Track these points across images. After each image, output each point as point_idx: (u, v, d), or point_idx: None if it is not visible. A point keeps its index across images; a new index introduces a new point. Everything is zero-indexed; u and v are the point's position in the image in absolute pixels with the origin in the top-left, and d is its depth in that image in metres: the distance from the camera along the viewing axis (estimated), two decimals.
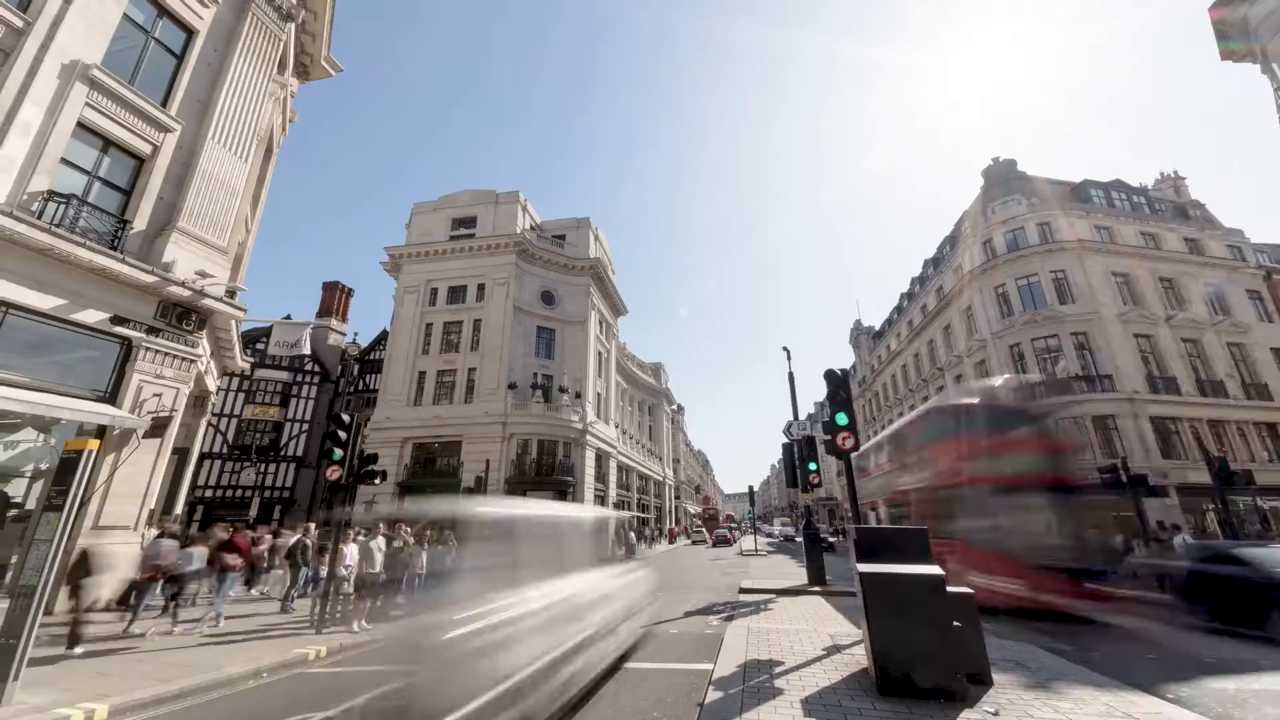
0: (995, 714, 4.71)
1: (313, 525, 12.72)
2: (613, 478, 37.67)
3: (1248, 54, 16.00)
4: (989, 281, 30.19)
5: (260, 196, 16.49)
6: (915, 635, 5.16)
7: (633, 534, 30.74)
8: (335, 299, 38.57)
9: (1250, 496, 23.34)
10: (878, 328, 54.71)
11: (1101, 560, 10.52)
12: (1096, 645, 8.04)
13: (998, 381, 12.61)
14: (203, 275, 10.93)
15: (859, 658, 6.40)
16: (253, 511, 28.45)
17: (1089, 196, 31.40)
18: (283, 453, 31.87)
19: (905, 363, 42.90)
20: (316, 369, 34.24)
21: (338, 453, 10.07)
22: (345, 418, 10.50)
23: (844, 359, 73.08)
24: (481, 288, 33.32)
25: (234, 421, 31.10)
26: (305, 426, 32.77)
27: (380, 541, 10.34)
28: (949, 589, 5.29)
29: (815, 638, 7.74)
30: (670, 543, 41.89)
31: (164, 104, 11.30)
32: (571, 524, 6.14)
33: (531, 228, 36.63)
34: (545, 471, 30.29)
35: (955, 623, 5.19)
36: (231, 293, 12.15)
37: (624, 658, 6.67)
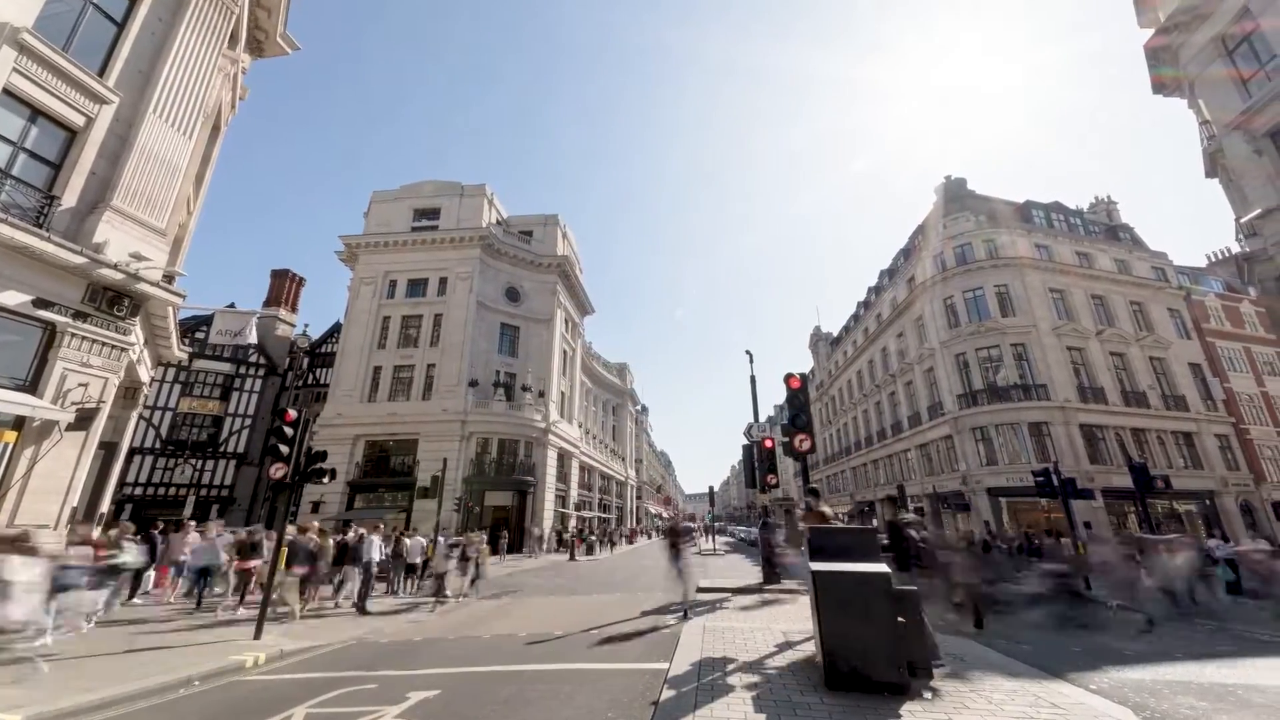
0: (932, 699, 4.95)
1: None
2: (574, 478, 37.44)
3: (1177, 88, 17.40)
4: (938, 293, 31.65)
5: (205, 176, 15.58)
6: (863, 631, 5.36)
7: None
8: (285, 288, 36.84)
9: (1167, 500, 25.36)
10: (836, 334, 56.43)
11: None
12: (1030, 639, 8.56)
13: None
14: (137, 258, 10.23)
15: (809, 654, 6.59)
16: (187, 511, 26.79)
17: (1031, 216, 33.36)
18: (222, 449, 30.20)
19: (860, 368, 44.42)
20: (262, 361, 32.61)
21: (283, 449, 9.62)
22: (293, 413, 10.03)
23: (803, 363, 74.93)
24: (444, 281, 32.49)
25: (169, 415, 29.27)
26: (248, 421, 31.16)
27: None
28: (896, 587, 5.52)
29: (769, 635, 7.91)
30: (630, 543, 41.94)
31: (101, 74, 10.53)
32: None
33: (498, 222, 36.00)
34: (506, 471, 29.80)
35: (900, 619, 5.42)
36: (169, 277, 11.43)
37: None
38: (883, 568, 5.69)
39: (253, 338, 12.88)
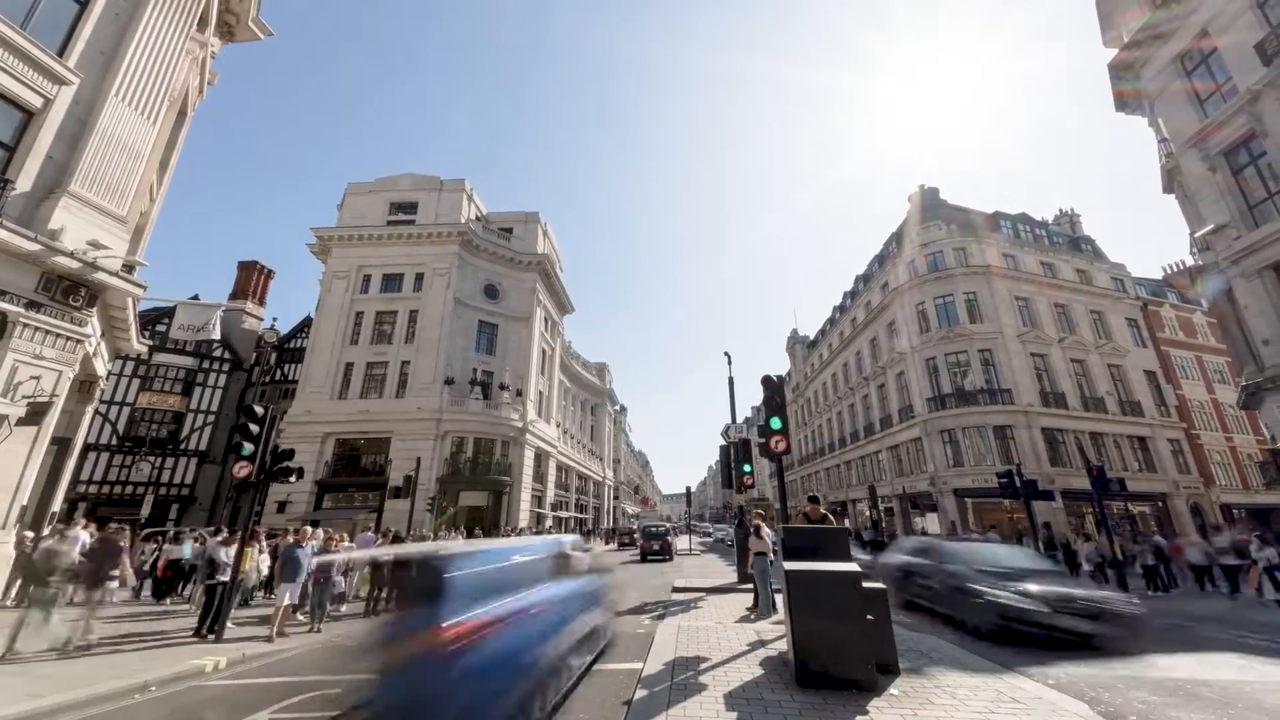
0: (899, 695, 5.07)
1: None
2: (551, 477, 37.18)
3: (1138, 106, 18.18)
4: (911, 299, 32.43)
5: (169, 163, 15.01)
6: (834, 629, 5.47)
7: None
8: (252, 280, 35.70)
9: (1123, 501, 26.43)
10: (812, 337, 57.32)
11: None
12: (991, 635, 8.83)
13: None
14: (95, 246, 9.81)
15: (782, 652, 6.68)
16: (145, 510, 25.79)
17: (999, 226, 34.43)
18: (183, 446, 29.11)
19: (835, 371, 45.21)
20: (227, 356, 31.55)
21: (248, 447, 9.33)
22: (258, 409, 9.73)
23: (781, 366, 75.91)
24: (420, 277, 31.92)
25: (126, 410, 28.09)
26: (211, 418, 30.11)
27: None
28: (865, 585, 5.64)
29: (742, 634, 8.00)
30: (606, 544, 41.83)
31: (61, 54, 10.06)
32: None
33: (477, 218, 35.53)
34: (481, 471, 29.42)
35: (869, 617, 5.55)
36: (129, 267, 10.99)
37: None
38: (853, 567, 5.82)
39: (216, 333, 12.44)
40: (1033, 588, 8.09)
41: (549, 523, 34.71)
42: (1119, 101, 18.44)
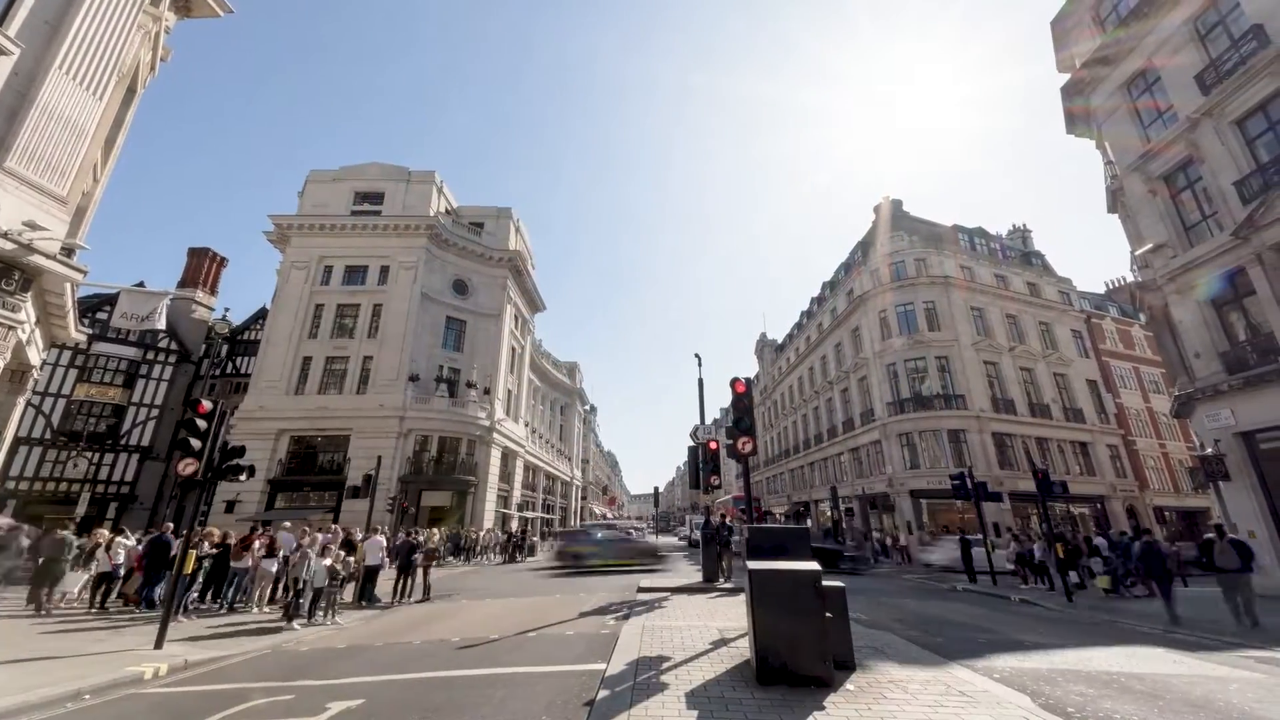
0: (855, 690, 5.23)
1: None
2: (518, 477, 36.73)
3: (1087, 129, 19.22)
4: (874, 306, 33.45)
5: (116, 142, 14.15)
6: (794, 627, 5.58)
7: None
8: (204, 268, 34.03)
9: (1065, 503, 27.87)
10: (780, 341, 58.39)
11: None
12: (943, 631, 9.19)
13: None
14: (31, 226, 9.16)
15: (744, 650, 6.78)
16: (81, 509, 24.24)
17: (958, 239, 35.86)
18: (124, 442, 27.54)
19: (802, 375, 46.18)
20: (174, 347, 30.03)
21: (195, 443, 8.89)
22: (207, 404, 9.28)
23: (749, 368, 77.03)
24: (385, 270, 31.08)
25: (62, 402, 26.40)
26: (154, 412, 28.59)
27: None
28: (825, 583, 5.78)
29: (705, 633, 8.08)
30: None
31: (0, 23, 9.37)
32: None
33: (447, 211, 34.83)
34: (446, 470, 28.84)
35: (828, 614, 5.68)
36: (69, 250, 10.32)
37: None
38: (814, 566, 5.95)
39: (161, 323, 11.80)
40: None
41: (514, 524, 34.25)
42: (1069, 124, 19.48)
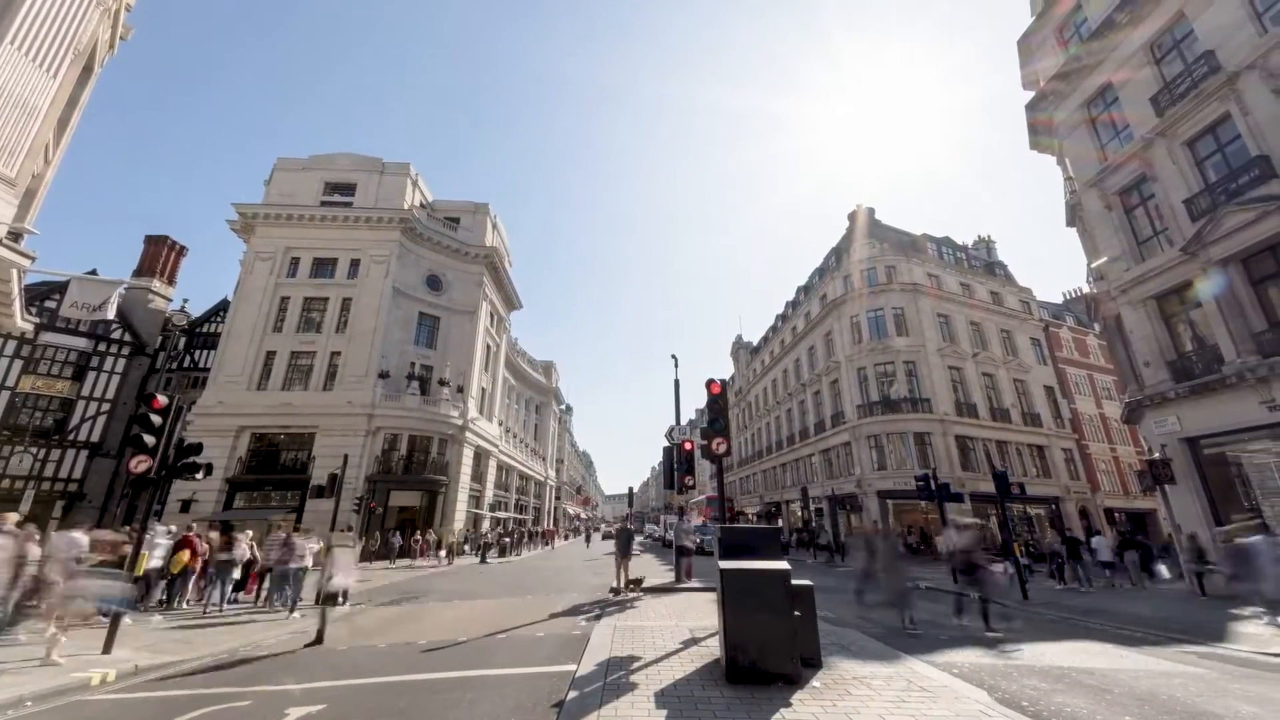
0: (821, 687, 5.33)
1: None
2: (491, 477, 36.26)
3: (1049, 146, 19.98)
4: (846, 311, 34.18)
5: (70, 122, 13.44)
6: (764, 626, 5.66)
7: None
8: (161, 257, 32.58)
9: (1022, 504, 28.94)
10: (755, 343, 59.09)
11: None
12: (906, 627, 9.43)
13: None
14: None
15: (714, 649, 6.84)
16: (25, 506, 22.92)
17: (925, 248, 36.90)
18: (72, 437, 26.18)
19: (776, 377, 46.83)
20: (128, 338, 28.68)
21: (149, 440, 8.50)
22: (162, 398, 8.89)
23: (725, 369, 77.77)
24: (356, 263, 30.28)
25: (6, 394, 24.94)
26: (106, 406, 27.26)
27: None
28: (793, 582, 5.87)
29: (676, 632, 8.12)
30: (547, 544, 41.23)
31: None
32: None
33: (422, 205, 34.13)
34: (416, 469, 28.23)
35: (796, 613, 5.78)
36: (16, 235, 9.75)
37: None
38: (784, 565, 6.04)
39: (111, 313, 11.27)
40: None
41: (486, 525, 33.80)
42: (1033, 139, 20.22)
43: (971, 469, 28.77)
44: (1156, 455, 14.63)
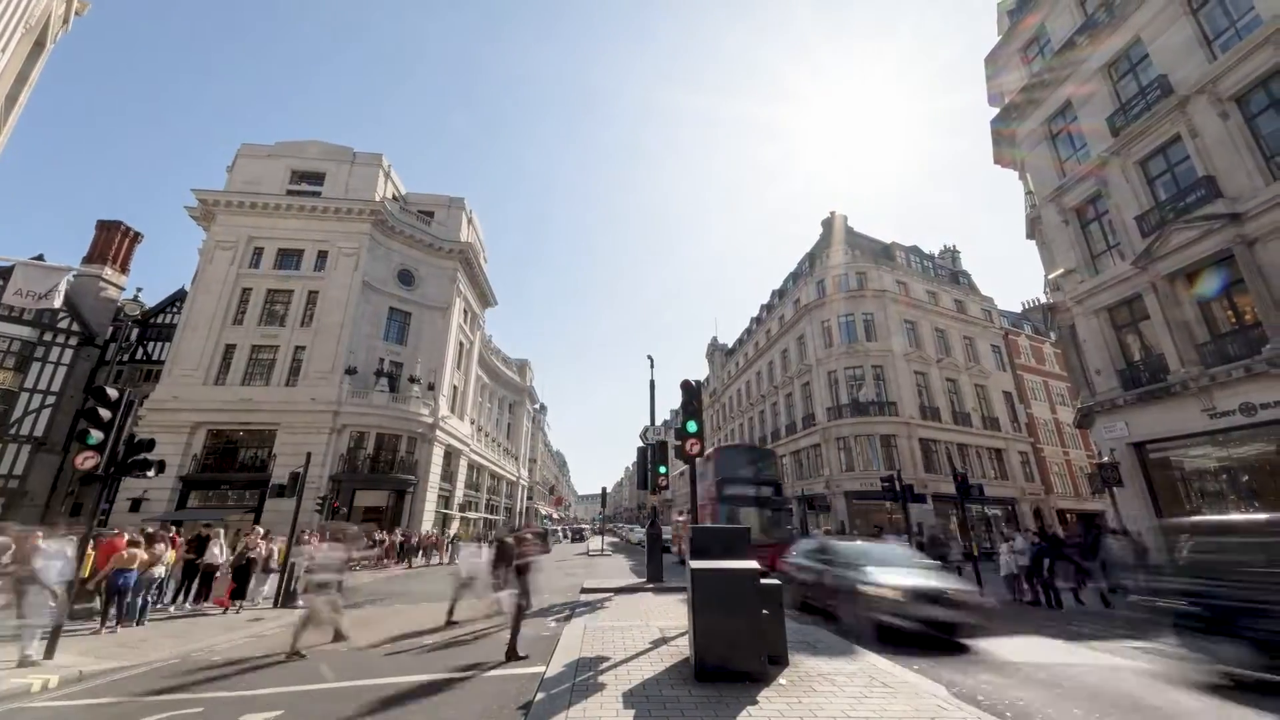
0: (786, 684, 5.42)
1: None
2: (461, 476, 35.64)
3: (1012, 160, 20.74)
4: (818, 316, 34.86)
5: (19, 99, 12.69)
6: (733, 625, 5.73)
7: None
8: (114, 243, 31.01)
9: (981, 505, 29.99)
10: (730, 345, 59.67)
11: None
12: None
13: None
14: None
15: (683, 649, 6.88)
16: None
17: (894, 256, 37.92)
18: (13, 431, 24.71)
19: (750, 379, 47.38)
20: (76, 328, 27.21)
21: (96, 435, 8.08)
22: (112, 391, 8.47)
23: (700, 371, 78.31)
24: (323, 255, 29.40)
25: None
26: (51, 399, 25.81)
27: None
28: (762, 581, 5.96)
29: (646, 632, 8.15)
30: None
31: None
32: None
33: (395, 198, 33.34)
34: (384, 468, 27.54)
35: (764, 612, 5.86)
36: None
37: None
38: (753, 565, 6.13)
39: (59, 301, 10.72)
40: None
41: (455, 526, 33.23)
42: (997, 154, 20.99)
43: (934, 470, 29.66)
44: (1106, 459, 15.34)
